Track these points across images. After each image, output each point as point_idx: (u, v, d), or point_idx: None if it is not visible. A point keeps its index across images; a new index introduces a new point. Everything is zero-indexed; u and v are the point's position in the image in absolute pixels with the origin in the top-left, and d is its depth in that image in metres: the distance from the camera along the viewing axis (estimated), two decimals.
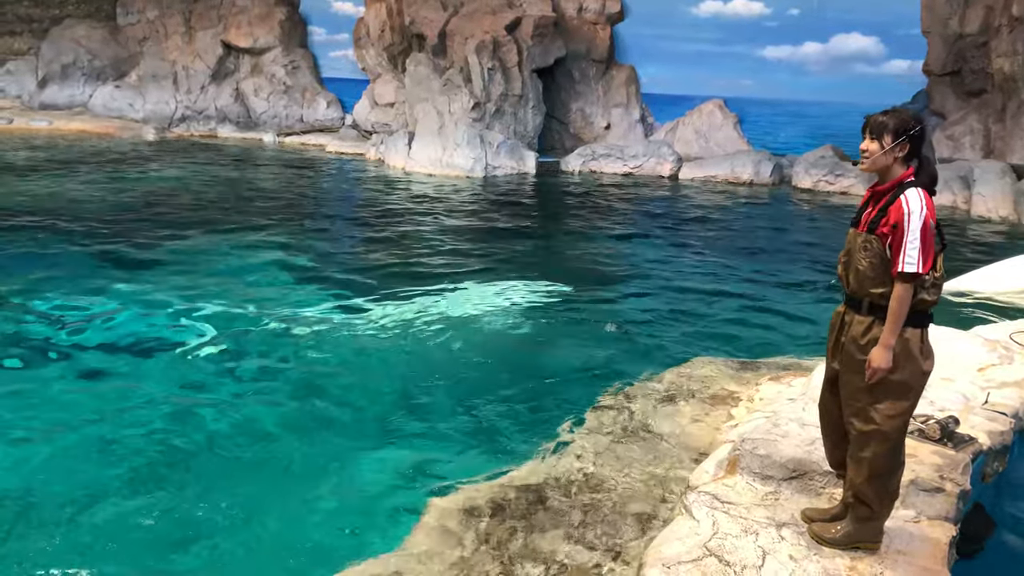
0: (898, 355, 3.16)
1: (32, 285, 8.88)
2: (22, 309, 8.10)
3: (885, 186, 3.22)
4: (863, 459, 3.29)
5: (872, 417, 3.23)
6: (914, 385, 3.23)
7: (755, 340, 8.19)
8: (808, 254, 13.09)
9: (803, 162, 21.26)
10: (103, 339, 7.42)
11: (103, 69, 27.75)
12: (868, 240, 3.19)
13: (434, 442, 5.58)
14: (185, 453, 5.28)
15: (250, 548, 4.29)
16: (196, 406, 6.01)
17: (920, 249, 3.04)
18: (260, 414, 5.94)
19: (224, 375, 6.69)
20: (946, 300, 9.79)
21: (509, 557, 3.85)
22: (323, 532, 4.46)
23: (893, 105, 3.45)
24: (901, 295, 3.09)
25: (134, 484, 4.85)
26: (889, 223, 3.12)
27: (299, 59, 28.04)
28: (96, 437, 5.43)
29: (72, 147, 21.55)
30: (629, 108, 25.22)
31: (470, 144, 20.87)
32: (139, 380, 6.49)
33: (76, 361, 6.85)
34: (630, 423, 5.37)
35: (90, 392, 6.21)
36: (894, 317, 3.11)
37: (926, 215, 3.06)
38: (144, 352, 7.15)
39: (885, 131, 3.17)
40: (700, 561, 3.42)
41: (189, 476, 4.98)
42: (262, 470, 5.13)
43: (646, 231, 14.55)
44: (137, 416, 5.80)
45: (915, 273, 3.05)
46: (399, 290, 9.51)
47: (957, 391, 5.13)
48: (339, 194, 17.99)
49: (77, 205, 13.87)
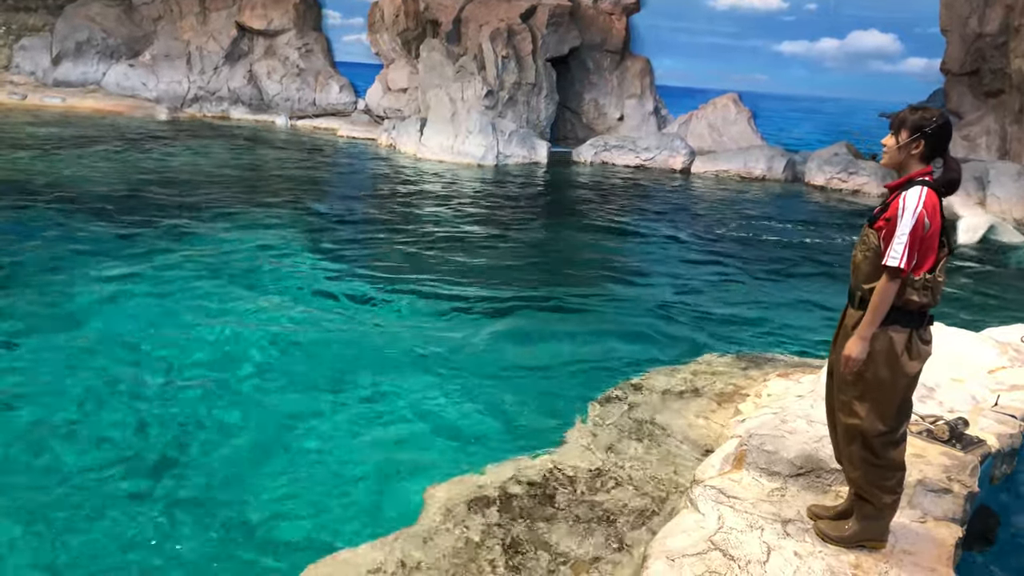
0: (878, 352, 3.14)
1: (53, 260, 8.92)
2: (44, 283, 8.15)
3: (897, 182, 3.21)
4: (852, 453, 3.32)
5: (855, 411, 3.25)
6: (897, 386, 3.18)
7: (764, 337, 8.17)
8: (819, 251, 13.03)
9: (816, 159, 21.13)
10: (113, 316, 7.45)
11: (117, 47, 27.74)
12: (866, 233, 3.21)
13: (440, 431, 5.58)
14: (197, 432, 5.31)
15: (249, 529, 4.32)
16: (205, 385, 6.04)
17: (907, 245, 3.01)
18: (263, 396, 5.97)
19: (234, 356, 6.71)
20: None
21: (514, 545, 3.85)
22: (329, 513, 4.48)
23: (909, 104, 3.42)
24: (883, 288, 3.08)
25: (150, 470, 4.88)
26: (886, 217, 3.12)
27: (313, 42, 27.98)
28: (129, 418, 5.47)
29: (85, 124, 21.58)
30: (643, 100, 25.11)
31: (482, 132, 20.82)
32: (153, 357, 6.52)
33: (95, 333, 6.88)
34: (637, 417, 5.36)
35: (99, 371, 6.25)
36: (872, 309, 3.11)
37: (920, 213, 3.03)
38: (157, 331, 7.19)
39: (903, 127, 3.17)
40: (705, 555, 3.41)
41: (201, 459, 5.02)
42: (262, 449, 5.15)
43: (656, 224, 14.50)
44: (158, 392, 5.83)
45: (897, 268, 3.02)
46: (406, 277, 9.50)
47: (967, 392, 5.11)
48: (350, 179, 17.98)
49: (90, 183, 13.90)
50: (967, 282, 11.46)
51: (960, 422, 4.48)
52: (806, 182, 20.83)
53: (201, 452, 5.09)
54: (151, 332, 7.09)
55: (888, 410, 3.22)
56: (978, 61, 19.92)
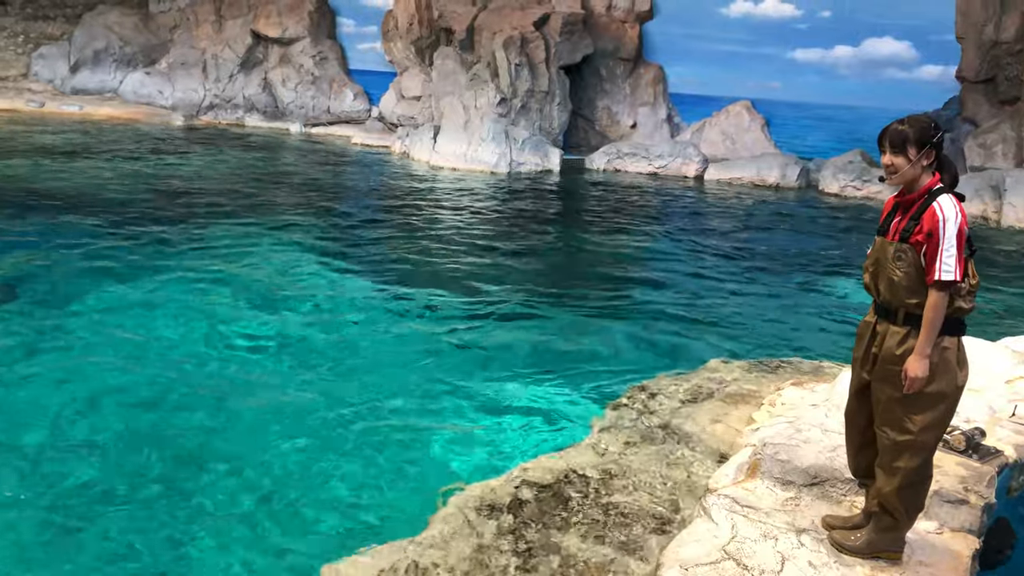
0: (936, 365, 3.12)
1: (72, 267, 9.01)
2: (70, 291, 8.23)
3: (913, 195, 3.18)
4: (897, 469, 3.24)
5: (907, 428, 3.19)
6: (950, 395, 3.18)
7: (778, 344, 8.13)
8: (833, 259, 12.96)
9: (831, 166, 21.04)
10: (138, 320, 7.52)
11: (134, 55, 28.00)
12: (902, 250, 3.15)
13: (452, 435, 5.60)
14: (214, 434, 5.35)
15: (262, 527, 4.34)
16: (231, 383, 6.10)
17: (957, 257, 3.01)
18: (279, 395, 6.01)
19: (259, 358, 6.79)
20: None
21: (526, 550, 3.85)
22: (339, 517, 4.51)
23: (925, 112, 3.41)
24: (937, 303, 3.06)
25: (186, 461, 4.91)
26: (923, 231, 3.08)
27: (327, 50, 28.13)
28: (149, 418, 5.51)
29: (102, 132, 21.77)
30: (656, 107, 25.09)
31: (495, 139, 20.85)
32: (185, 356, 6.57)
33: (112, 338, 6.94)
34: (650, 422, 5.34)
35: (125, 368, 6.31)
36: (929, 326, 3.08)
37: (961, 221, 3.04)
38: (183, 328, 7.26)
39: (907, 143, 3.12)
40: (718, 564, 3.39)
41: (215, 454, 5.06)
42: (279, 449, 5.17)
43: (669, 232, 14.47)
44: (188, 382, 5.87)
45: (952, 281, 3.02)
46: (419, 283, 9.54)
47: (984, 402, 5.06)
48: (365, 186, 18.04)
49: (108, 189, 14.02)
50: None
51: (977, 432, 4.44)
52: (820, 190, 20.73)
53: (214, 448, 5.13)
54: (172, 337, 7.15)
55: (944, 422, 3.21)
56: (994, 69, 19.80)
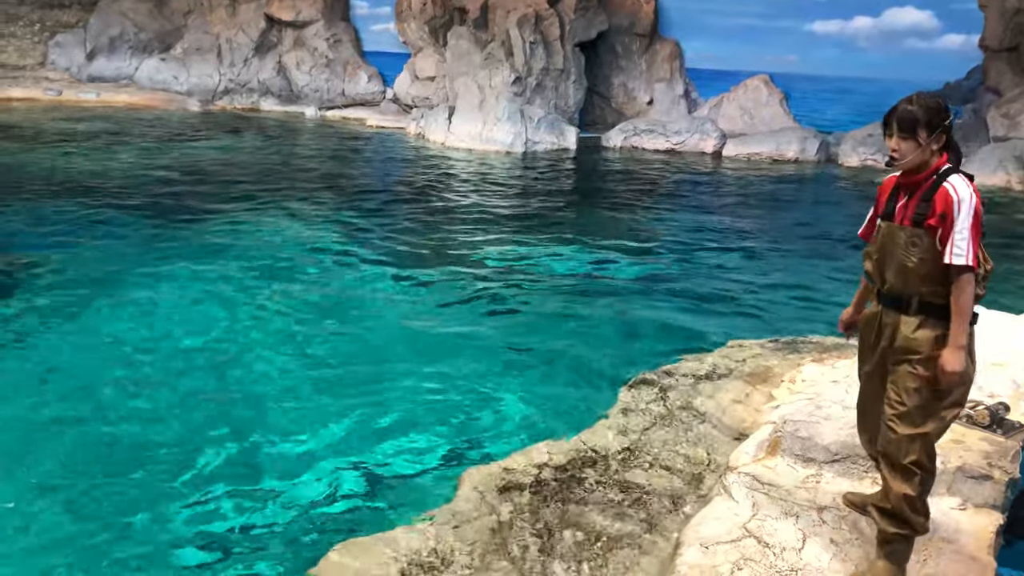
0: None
1: (95, 254, 9.10)
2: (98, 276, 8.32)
3: (920, 176, 3.06)
4: (907, 466, 3.04)
5: (916, 421, 3.03)
6: (969, 385, 3.07)
7: (797, 321, 8.06)
8: (853, 234, 12.81)
9: (850, 140, 20.78)
10: (161, 308, 7.59)
11: (149, 42, 28.07)
12: (917, 235, 3.00)
13: (471, 416, 5.62)
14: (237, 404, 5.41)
15: (284, 505, 4.41)
16: (250, 366, 6.17)
17: (970, 240, 2.88)
18: (299, 376, 6.10)
19: (280, 341, 6.85)
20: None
21: (546, 527, 3.86)
22: (359, 497, 4.55)
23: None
24: (964, 290, 2.91)
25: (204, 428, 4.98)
26: (936, 214, 2.95)
27: (341, 32, 28.06)
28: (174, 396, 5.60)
29: (120, 119, 21.89)
30: (672, 83, 24.85)
31: (511, 119, 20.75)
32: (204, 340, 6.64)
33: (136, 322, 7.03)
34: (669, 401, 5.32)
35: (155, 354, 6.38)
36: (961, 314, 2.92)
37: (976, 203, 2.91)
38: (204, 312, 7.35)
39: (918, 126, 3.01)
40: (739, 542, 3.39)
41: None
42: (298, 433, 5.22)
43: (687, 208, 14.36)
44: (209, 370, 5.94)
45: (966, 264, 2.88)
46: (438, 264, 9.54)
47: (1008, 377, 5.00)
48: (381, 168, 18.04)
49: (133, 177, 14.12)
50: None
51: (1001, 407, 4.39)
52: (840, 163, 20.49)
53: (239, 427, 5.19)
54: (193, 322, 7.22)
55: (955, 409, 3.08)
56: (1018, 36, 19.41)
